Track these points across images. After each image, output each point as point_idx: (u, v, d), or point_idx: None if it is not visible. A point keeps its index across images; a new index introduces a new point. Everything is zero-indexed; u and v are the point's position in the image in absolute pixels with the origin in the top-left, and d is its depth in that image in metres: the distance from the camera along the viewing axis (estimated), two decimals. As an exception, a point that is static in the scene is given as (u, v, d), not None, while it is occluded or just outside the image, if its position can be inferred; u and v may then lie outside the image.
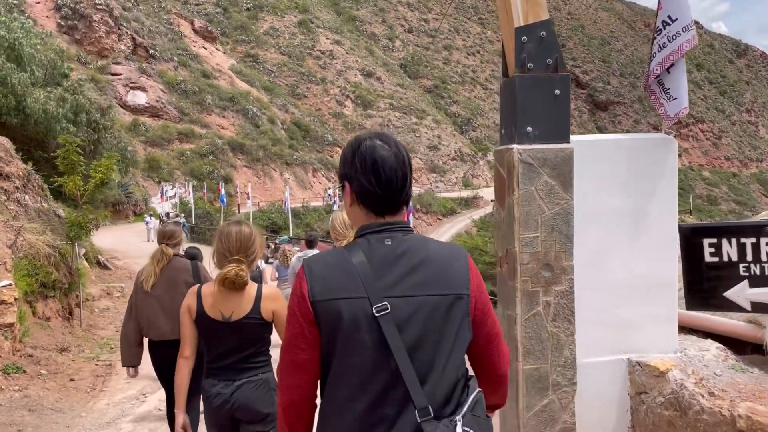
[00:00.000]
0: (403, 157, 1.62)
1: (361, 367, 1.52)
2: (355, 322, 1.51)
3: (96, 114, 20.28)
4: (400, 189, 1.61)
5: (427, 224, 63.92)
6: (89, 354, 8.47)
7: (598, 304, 3.31)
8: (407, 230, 1.62)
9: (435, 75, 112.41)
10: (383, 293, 1.53)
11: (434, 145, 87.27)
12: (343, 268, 1.56)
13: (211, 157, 52.47)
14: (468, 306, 1.59)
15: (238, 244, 2.90)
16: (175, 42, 65.61)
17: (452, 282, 1.58)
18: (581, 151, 3.24)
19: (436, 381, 1.53)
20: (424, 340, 1.53)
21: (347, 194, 1.65)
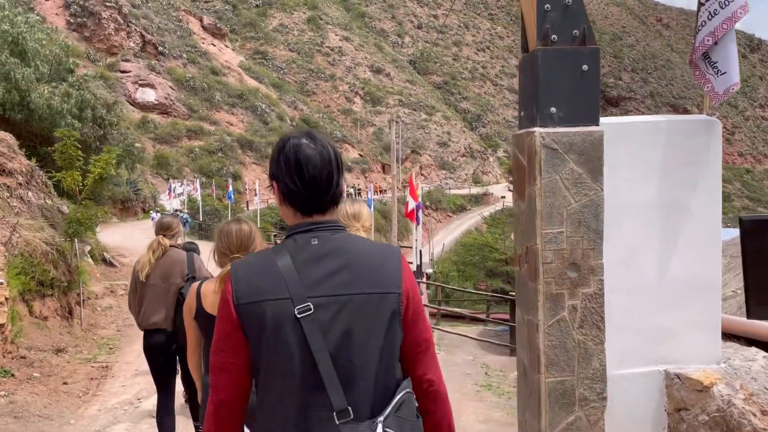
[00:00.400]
0: (330, 156, 1.59)
1: (286, 369, 1.50)
2: (279, 323, 1.49)
3: (102, 110, 20.01)
4: (326, 188, 1.58)
5: (436, 221, 63.48)
6: (86, 355, 8.17)
7: (631, 308, 2.93)
8: (336, 229, 1.59)
9: (444, 71, 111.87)
10: (307, 293, 1.50)
11: (444, 142, 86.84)
12: (267, 270, 1.54)
13: (219, 154, 52.31)
14: (398, 305, 1.54)
15: (238, 242, 2.89)
16: (184, 39, 65.48)
17: (381, 281, 1.54)
18: (612, 134, 2.85)
19: (360, 382, 1.50)
20: (349, 340, 1.50)
21: (276, 194, 1.63)
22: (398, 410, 1.52)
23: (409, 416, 1.55)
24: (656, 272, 2.93)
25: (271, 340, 1.51)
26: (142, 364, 7.76)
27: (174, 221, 4.61)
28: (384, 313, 1.53)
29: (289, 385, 1.51)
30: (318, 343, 1.48)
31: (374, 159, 72.09)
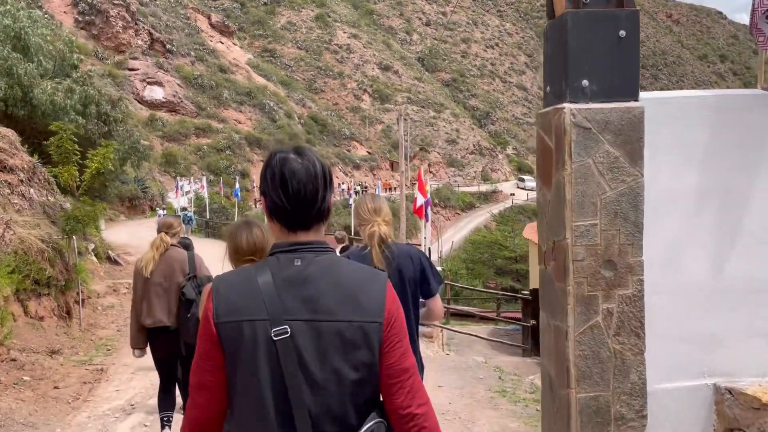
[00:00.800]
0: (317, 171, 1.55)
1: (258, 390, 1.49)
2: (255, 344, 1.48)
3: (106, 106, 19.74)
4: (311, 204, 1.54)
5: (445, 219, 63.03)
6: (82, 357, 7.85)
7: (675, 312, 2.54)
8: (321, 251, 1.55)
9: (453, 68, 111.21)
10: (285, 316, 1.48)
11: (452, 139, 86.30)
12: (247, 288, 1.51)
13: (227, 151, 52.10)
14: (379, 335, 1.51)
15: (248, 244, 2.87)
16: (192, 37, 65.33)
17: (362, 308, 1.50)
18: (654, 111, 2.47)
19: (330, 409, 1.48)
20: (324, 366, 1.47)
21: (264, 209, 1.60)
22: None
23: None
24: (705, 271, 2.53)
25: (246, 361, 1.49)
26: (139, 365, 7.46)
27: (176, 221, 4.83)
28: (363, 341, 1.49)
29: (259, 408, 1.48)
30: (292, 366, 1.45)
31: (383, 156, 71.71)
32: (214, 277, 1.63)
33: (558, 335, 2.54)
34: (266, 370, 1.47)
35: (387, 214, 3.08)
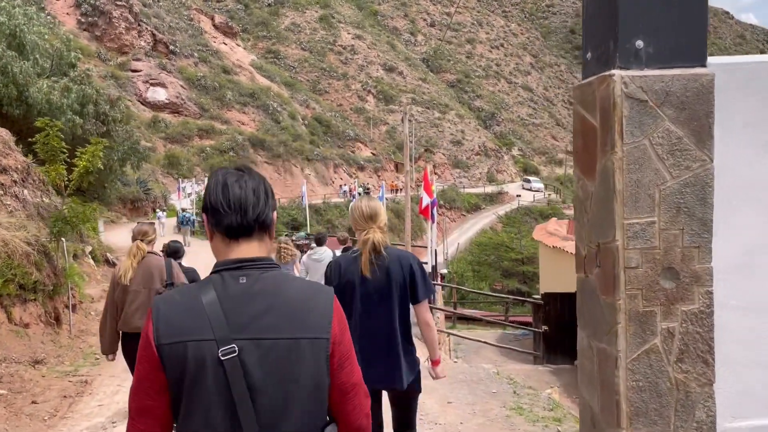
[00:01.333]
0: (258, 183, 1.60)
1: (207, 411, 1.47)
2: (201, 365, 1.45)
3: (105, 105, 19.32)
4: (251, 210, 1.56)
5: (450, 220, 62.49)
6: (67, 367, 7.38)
7: (753, 334, 2.03)
8: (267, 268, 1.55)
9: (458, 69, 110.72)
10: (232, 335, 1.46)
11: (458, 140, 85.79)
12: (191, 308, 1.49)
13: (231, 153, 51.72)
14: (326, 351, 1.52)
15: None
16: (196, 38, 65.03)
17: (309, 325, 1.51)
18: (726, 80, 1.96)
19: (282, 427, 1.49)
20: (273, 385, 1.47)
21: (206, 225, 1.61)
22: None
23: None
24: (789, 281, 2.02)
25: (193, 383, 1.46)
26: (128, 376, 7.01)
27: (150, 228, 4.91)
28: (310, 358, 1.50)
29: (207, 428, 1.46)
30: (240, 386, 1.45)
31: (387, 158, 71.24)
32: (155, 298, 1.57)
33: (604, 361, 2.04)
34: (214, 391, 1.45)
35: (383, 220, 3.05)
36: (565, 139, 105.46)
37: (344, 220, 49.02)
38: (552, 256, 12.57)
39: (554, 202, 70.24)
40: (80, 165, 8.89)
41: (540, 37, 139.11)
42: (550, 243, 11.94)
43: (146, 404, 1.49)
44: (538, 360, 10.53)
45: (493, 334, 16.27)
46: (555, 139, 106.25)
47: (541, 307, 10.49)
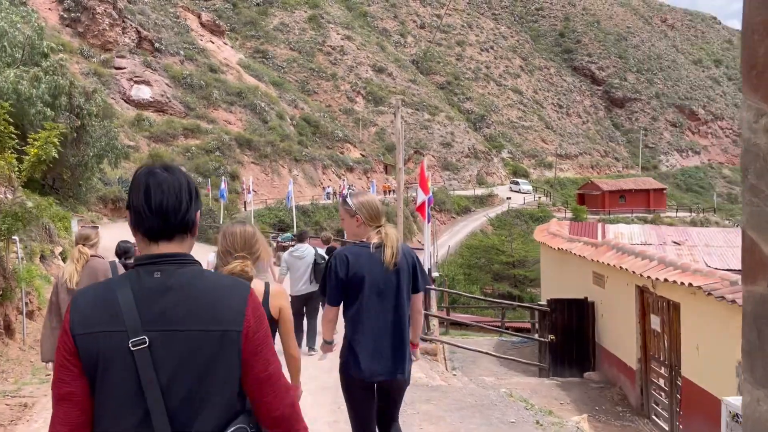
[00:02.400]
0: (181, 185, 1.63)
1: (118, 401, 1.52)
2: (112, 356, 1.52)
3: (79, 98, 18.26)
4: (173, 215, 1.60)
5: (440, 222, 61.71)
6: (11, 385, 6.42)
7: None
8: (183, 263, 1.60)
9: (448, 71, 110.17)
10: (144, 327, 1.52)
11: (447, 142, 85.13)
12: (106, 301, 1.55)
13: (217, 153, 50.61)
14: (238, 343, 1.57)
15: (242, 242, 3.01)
16: (182, 36, 63.86)
17: (221, 318, 1.56)
18: None
19: (191, 417, 1.52)
20: (183, 376, 1.52)
21: (129, 222, 1.66)
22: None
23: None
24: None
25: (104, 372, 1.51)
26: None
27: (93, 232, 4.96)
28: (222, 349, 1.54)
29: (120, 419, 1.51)
30: (149, 375, 1.49)
31: (376, 159, 70.36)
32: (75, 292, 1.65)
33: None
34: (125, 381, 1.50)
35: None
36: (554, 142, 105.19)
37: (333, 222, 48.02)
38: (556, 258, 11.72)
39: (544, 205, 69.77)
40: (31, 153, 7.90)
41: (529, 40, 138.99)
42: (555, 245, 11.09)
43: (65, 391, 1.53)
44: (544, 372, 9.67)
45: (489, 340, 15.39)
46: (544, 142, 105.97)
47: (547, 315, 9.62)
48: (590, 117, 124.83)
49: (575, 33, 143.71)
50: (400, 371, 3.22)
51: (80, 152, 18.76)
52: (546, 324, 9.56)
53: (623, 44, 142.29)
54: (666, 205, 70.34)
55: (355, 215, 3.27)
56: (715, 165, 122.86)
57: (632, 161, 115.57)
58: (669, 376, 7.69)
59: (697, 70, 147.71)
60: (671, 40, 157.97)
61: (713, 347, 6.41)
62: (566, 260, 11.01)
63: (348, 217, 3.31)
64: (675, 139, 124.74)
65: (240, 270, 2.92)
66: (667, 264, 7.41)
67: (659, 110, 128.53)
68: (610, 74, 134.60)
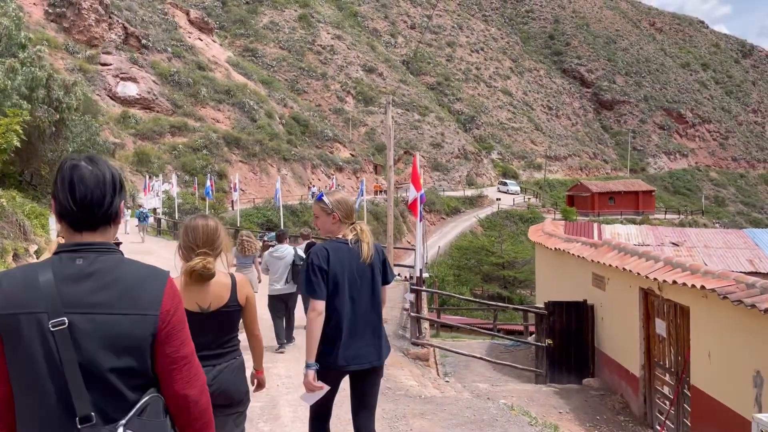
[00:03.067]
0: (106, 178, 1.69)
1: (38, 379, 1.59)
2: (32, 336, 1.58)
3: (59, 91, 17.62)
4: (97, 207, 1.67)
5: (430, 223, 61.33)
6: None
7: None
8: (105, 251, 1.68)
9: (438, 72, 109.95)
10: (64, 309, 1.59)
11: (437, 143, 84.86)
12: (28, 284, 1.62)
13: (205, 151, 49.92)
14: (154, 326, 1.65)
15: (204, 237, 2.97)
16: (170, 32, 63.06)
17: (139, 302, 1.65)
18: None
19: (108, 392, 1.61)
20: (100, 355, 1.60)
21: (53, 212, 1.72)
22: (141, 413, 1.63)
23: (154, 417, 1.65)
24: None
25: (24, 352, 1.58)
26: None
27: None
28: (138, 331, 1.63)
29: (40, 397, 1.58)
30: (68, 354, 1.57)
31: (366, 159, 69.86)
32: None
33: None
34: (44, 360, 1.57)
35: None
36: (543, 143, 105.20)
37: (321, 222, 47.46)
38: (552, 259, 11.27)
39: (534, 206, 69.56)
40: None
41: (519, 42, 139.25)
42: (551, 245, 10.63)
43: None
44: (541, 378, 9.22)
45: (480, 344, 14.94)
46: (534, 143, 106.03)
47: (544, 318, 9.17)
48: (579, 119, 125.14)
49: (565, 35, 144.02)
50: (377, 358, 3.39)
51: (59, 147, 18.12)
52: (543, 328, 9.09)
53: (612, 47, 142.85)
54: (655, 207, 70.42)
55: (332, 213, 3.41)
56: (702, 168, 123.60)
57: (621, 163, 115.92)
58: (675, 385, 7.26)
59: (685, 74, 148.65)
60: (659, 44, 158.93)
61: (727, 355, 5.98)
62: (563, 261, 10.58)
63: (324, 215, 3.44)
64: (663, 141, 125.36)
65: (201, 267, 2.89)
66: (674, 265, 6.98)
67: (647, 113, 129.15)
68: (599, 77, 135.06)
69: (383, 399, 5.78)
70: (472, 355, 9.99)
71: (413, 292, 9.12)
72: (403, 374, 7.28)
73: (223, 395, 2.93)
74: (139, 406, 1.62)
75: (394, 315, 10.72)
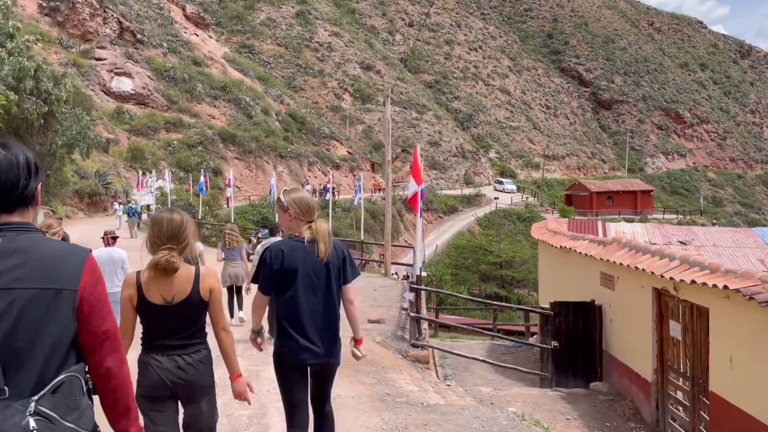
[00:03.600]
0: (20, 161, 1.73)
1: None
2: None
3: (48, 82, 17.11)
4: (12, 191, 1.71)
5: (427, 222, 60.91)
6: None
7: None
8: (25, 230, 1.72)
9: (436, 70, 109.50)
10: None
11: (435, 141, 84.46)
12: None
13: (200, 148, 49.36)
14: (73, 301, 1.71)
15: (169, 232, 3.03)
16: (165, 27, 62.45)
17: (57, 278, 1.69)
18: None
19: (25, 367, 1.63)
20: (17, 329, 1.63)
21: None
22: (55, 391, 1.66)
23: (69, 396, 1.68)
24: None
25: None
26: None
27: (55, 221, 5.37)
28: (56, 306, 1.68)
29: None
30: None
31: (363, 157, 69.38)
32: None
33: None
34: None
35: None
36: (542, 142, 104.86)
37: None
38: (557, 258, 10.82)
39: (532, 205, 69.18)
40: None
41: (518, 41, 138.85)
42: (556, 242, 10.18)
43: None
44: (546, 382, 8.77)
45: (480, 344, 14.50)
46: (532, 142, 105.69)
47: (550, 319, 8.72)
48: (577, 118, 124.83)
49: (563, 34, 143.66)
50: (331, 355, 3.45)
51: (48, 140, 17.61)
52: (549, 329, 8.64)
53: (611, 46, 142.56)
54: (653, 206, 70.13)
55: (287, 210, 3.46)
56: (700, 168, 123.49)
57: (619, 163, 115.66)
58: (691, 390, 6.83)
59: (684, 74, 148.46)
60: (658, 43, 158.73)
61: (752, 360, 5.55)
62: (569, 260, 10.14)
63: (281, 213, 3.52)
64: (661, 141, 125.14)
65: (165, 261, 2.94)
66: (692, 264, 6.54)
67: (646, 113, 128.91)
68: (597, 76, 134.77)
69: (382, 407, 5.35)
70: (474, 357, 9.54)
71: (413, 292, 8.67)
72: (403, 378, 6.85)
73: (186, 387, 3.00)
74: (53, 384, 1.65)
75: (392, 315, 10.28)
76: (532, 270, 44.34)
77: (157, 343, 3.04)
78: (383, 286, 13.92)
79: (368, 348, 7.82)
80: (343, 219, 46.20)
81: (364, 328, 9.12)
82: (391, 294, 12.77)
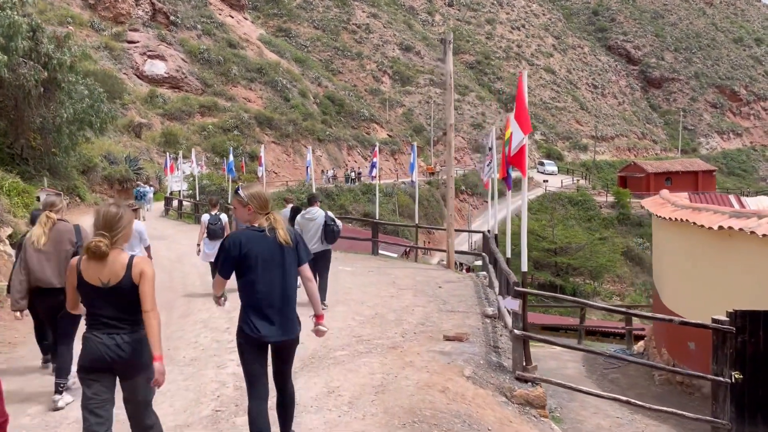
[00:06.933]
0: None
1: None
2: None
3: (48, 45, 14.66)
4: None
5: (473, 207, 57.71)
6: None
7: None
8: None
9: (477, 50, 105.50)
10: None
11: (478, 123, 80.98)
12: None
13: (235, 132, 47.25)
14: None
15: (102, 222, 3.46)
16: (199, 9, 60.44)
17: None
18: None
19: None
20: None
21: None
22: None
23: None
24: None
25: None
26: None
27: (57, 199, 5.54)
28: None
29: None
30: None
31: (404, 140, 66.36)
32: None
33: None
34: None
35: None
36: (589, 123, 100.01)
37: (358, 206, 44.32)
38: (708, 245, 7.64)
39: (583, 188, 65.16)
40: None
41: (562, 19, 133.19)
42: (707, 222, 7.08)
43: None
44: (722, 431, 5.76)
45: (570, 354, 11.46)
46: (579, 123, 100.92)
47: (729, 337, 5.68)
48: (626, 98, 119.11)
49: (609, 11, 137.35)
50: (289, 333, 3.79)
51: (51, 112, 15.13)
52: (727, 352, 5.65)
53: (660, 22, 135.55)
54: (716, 187, 65.27)
55: (246, 205, 3.82)
56: (758, 147, 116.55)
57: (671, 144, 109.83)
58: None
59: (738, 49, 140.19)
60: (710, 18, 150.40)
61: None
62: (728, 247, 7.10)
63: (240, 207, 3.85)
64: (715, 120, 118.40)
65: (93, 246, 3.39)
66: None
67: (698, 91, 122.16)
68: (646, 53, 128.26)
69: None
70: (614, 397, 6.43)
71: (517, 297, 5.77)
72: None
73: (123, 363, 3.38)
74: None
75: (472, 325, 7.39)
76: (590, 257, 40.87)
77: (97, 321, 3.42)
78: (449, 281, 11.09)
79: (456, 390, 5.02)
80: (385, 204, 43.41)
81: (441, 349, 6.29)
82: (461, 293, 9.93)
